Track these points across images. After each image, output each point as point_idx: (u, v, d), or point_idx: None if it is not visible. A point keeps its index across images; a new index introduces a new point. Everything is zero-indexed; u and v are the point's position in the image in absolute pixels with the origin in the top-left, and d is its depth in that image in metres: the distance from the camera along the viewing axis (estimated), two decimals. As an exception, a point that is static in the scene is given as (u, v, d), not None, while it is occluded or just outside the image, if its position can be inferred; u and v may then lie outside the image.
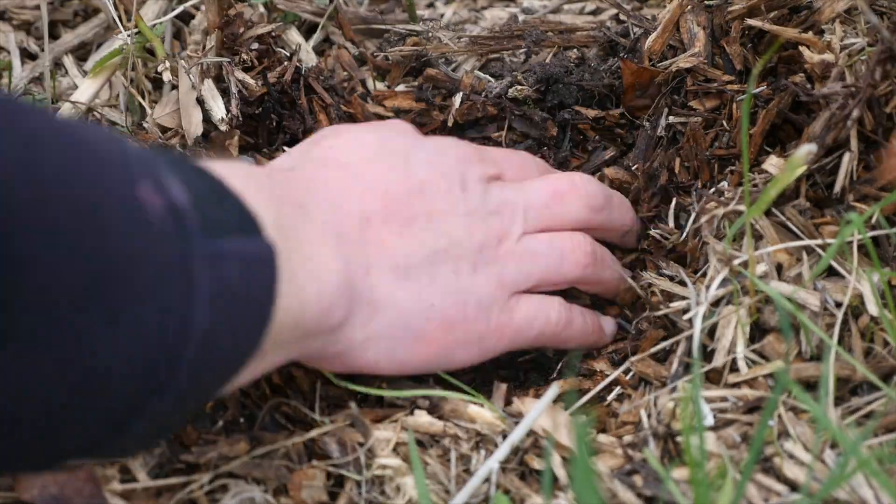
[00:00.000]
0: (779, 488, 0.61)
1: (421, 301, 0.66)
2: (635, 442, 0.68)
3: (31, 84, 1.01)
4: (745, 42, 0.89)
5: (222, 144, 0.93)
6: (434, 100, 0.99)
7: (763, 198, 0.70)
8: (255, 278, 0.51)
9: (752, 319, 0.71)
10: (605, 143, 0.96)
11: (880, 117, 0.78)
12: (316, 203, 0.63)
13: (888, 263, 0.73)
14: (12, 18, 1.05)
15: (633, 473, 0.64)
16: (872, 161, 0.79)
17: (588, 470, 0.51)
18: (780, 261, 0.74)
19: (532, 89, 0.96)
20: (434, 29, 1.03)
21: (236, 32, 0.94)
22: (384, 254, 0.65)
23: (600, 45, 0.99)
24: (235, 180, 0.54)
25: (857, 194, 0.77)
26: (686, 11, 0.90)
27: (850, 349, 0.69)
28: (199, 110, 0.92)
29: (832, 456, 0.63)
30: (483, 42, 1.01)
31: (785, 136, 0.86)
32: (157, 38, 0.95)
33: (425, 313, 0.66)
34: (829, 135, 0.78)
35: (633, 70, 0.91)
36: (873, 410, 0.65)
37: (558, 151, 0.97)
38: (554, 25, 1.01)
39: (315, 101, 0.97)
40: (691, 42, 0.90)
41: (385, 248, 0.66)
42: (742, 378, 0.68)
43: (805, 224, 0.75)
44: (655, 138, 0.91)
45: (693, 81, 0.88)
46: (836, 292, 0.71)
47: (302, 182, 0.66)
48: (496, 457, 0.65)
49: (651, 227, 0.88)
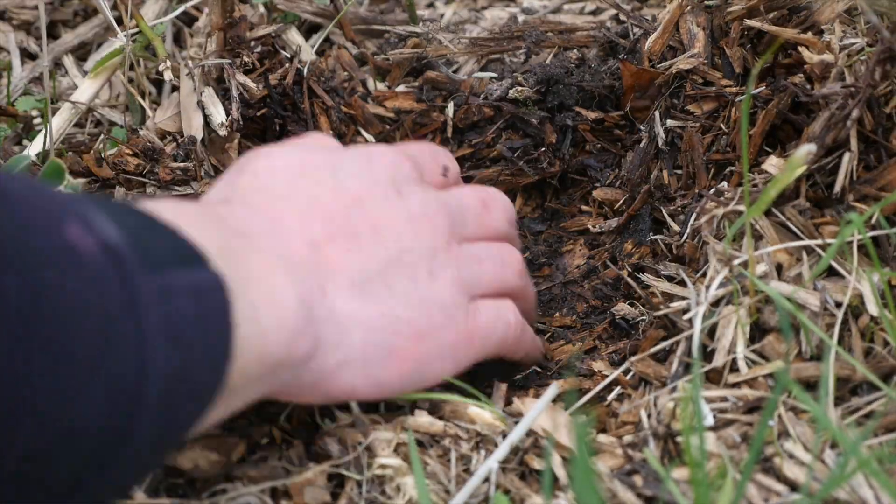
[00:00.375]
0: (779, 488, 0.61)
1: (385, 315, 0.64)
2: (635, 442, 0.68)
3: (31, 84, 1.02)
4: (745, 43, 0.89)
5: (223, 148, 0.93)
6: (434, 101, 0.99)
7: (763, 198, 0.70)
8: (209, 309, 0.49)
9: (752, 320, 0.71)
10: (603, 145, 0.96)
11: (880, 117, 0.78)
12: (257, 231, 0.61)
13: (888, 263, 0.73)
14: (12, 18, 1.05)
15: (633, 473, 0.64)
16: (872, 161, 0.79)
17: (588, 470, 0.51)
18: (780, 261, 0.74)
19: (532, 90, 0.97)
20: (434, 30, 1.03)
21: (240, 34, 0.94)
22: (337, 273, 0.63)
23: (600, 46, 1.00)
24: (168, 214, 0.52)
25: (857, 194, 0.77)
26: (686, 12, 0.91)
27: (850, 349, 0.69)
28: (200, 114, 0.92)
29: (832, 456, 0.63)
30: (483, 43, 1.01)
31: (785, 137, 0.86)
32: (158, 37, 0.95)
33: (392, 326, 0.64)
34: (829, 135, 0.78)
35: (632, 71, 0.91)
36: (873, 410, 0.65)
37: (557, 153, 0.97)
38: (554, 26, 1.02)
39: (316, 103, 0.97)
40: (691, 43, 0.90)
41: (337, 268, 0.63)
42: (742, 378, 0.68)
43: (805, 224, 0.75)
44: (652, 148, 0.91)
45: (692, 86, 0.88)
46: (836, 292, 0.71)
47: (238, 211, 0.63)
48: (496, 456, 0.65)
49: (651, 233, 0.89)
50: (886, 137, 0.78)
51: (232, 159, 0.93)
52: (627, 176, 0.92)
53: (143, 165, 0.91)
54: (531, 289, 0.83)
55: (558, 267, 0.94)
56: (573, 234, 0.97)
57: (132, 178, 0.90)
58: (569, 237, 0.97)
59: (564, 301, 0.92)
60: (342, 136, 1.00)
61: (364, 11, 1.06)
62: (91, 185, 0.89)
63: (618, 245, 0.92)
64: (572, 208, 0.98)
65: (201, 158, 0.91)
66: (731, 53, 0.88)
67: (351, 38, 1.03)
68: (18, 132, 0.97)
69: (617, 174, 0.95)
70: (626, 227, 0.92)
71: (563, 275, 0.94)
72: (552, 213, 1.00)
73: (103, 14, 1.00)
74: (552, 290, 0.93)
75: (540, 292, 0.93)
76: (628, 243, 0.91)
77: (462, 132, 1.00)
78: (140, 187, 0.90)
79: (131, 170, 0.90)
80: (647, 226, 0.90)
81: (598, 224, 0.94)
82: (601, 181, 0.96)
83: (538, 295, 0.92)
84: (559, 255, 0.96)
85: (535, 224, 1.00)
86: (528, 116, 0.97)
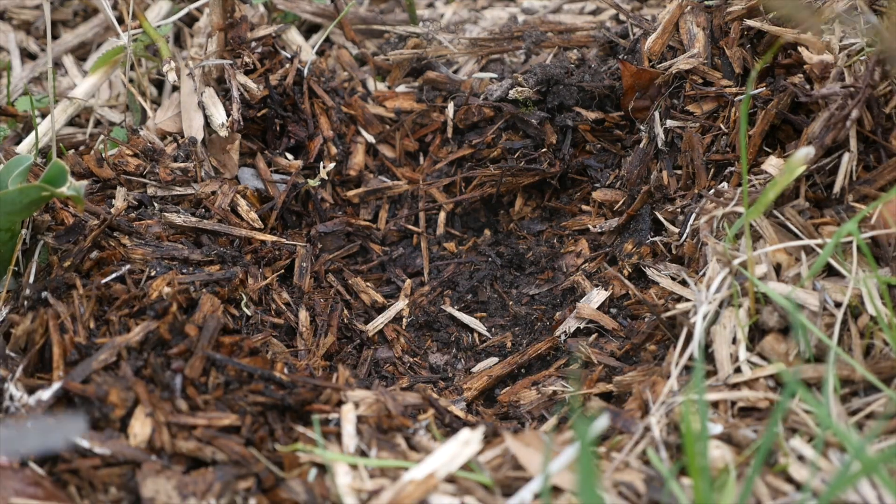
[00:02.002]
0: (786, 488, 0.62)
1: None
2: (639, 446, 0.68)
3: (31, 84, 1.01)
4: (745, 43, 0.90)
5: (223, 148, 0.93)
6: (434, 101, 0.99)
7: (761, 200, 0.70)
8: None
9: (752, 321, 0.71)
10: (604, 146, 0.97)
11: (879, 117, 0.78)
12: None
13: (888, 263, 0.73)
14: (12, 18, 1.05)
15: (637, 477, 0.64)
16: (872, 161, 0.79)
17: (590, 470, 0.51)
18: (779, 261, 0.74)
19: (532, 90, 0.97)
20: (434, 30, 1.03)
21: (241, 35, 0.94)
22: None
23: (600, 46, 1.00)
24: None
25: (857, 195, 0.77)
26: (686, 12, 0.91)
27: (850, 349, 0.69)
28: (201, 114, 0.92)
29: (835, 454, 0.63)
30: (483, 43, 1.01)
31: (784, 137, 0.86)
32: (163, 38, 0.95)
33: None
34: (829, 135, 0.78)
35: (632, 72, 0.91)
36: (874, 411, 0.66)
37: (558, 153, 0.98)
38: (554, 26, 1.02)
39: (317, 103, 0.97)
40: (691, 43, 0.90)
41: None
42: (743, 379, 0.69)
43: (804, 224, 0.76)
44: (652, 149, 0.91)
45: (692, 86, 0.89)
46: (835, 292, 0.71)
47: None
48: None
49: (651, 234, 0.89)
50: (886, 138, 0.78)
51: (232, 159, 0.93)
52: (627, 176, 0.93)
53: (144, 166, 0.91)
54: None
55: (559, 269, 0.95)
56: (575, 233, 0.97)
57: (132, 178, 0.90)
58: (570, 236, 0.97)
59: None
60: (342, 135, 1.00)
61: (364, 11, 1.06)
62: (93, 185, 0.89)
63: (618, 245, 0.93)
64: (573, 207, 0.99)
65: (201, 159, 0.91)
66: (730, 54, 0.88)
67: (351, 39, 1.03)
68: (18, 132, 0.97)
69: (617, 174, 0.96)
70: (626, 227, 0.92)
71: (565, 275, 0.94)
72: (552, 212, 1.00)
73: (105, 14, 1.00)
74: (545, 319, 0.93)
75: (540, 295, 0.93)
76: (628, 243, 0.91)
77: (462, 132, 1.01)
78: (141, 187, 0.90)
79: (132, 170, 0.90)
80: (646, 226, 0.91)
81: (599, 224, 0.95)
82: (601, 181, 0.96)
83: (538, 297, 0.92)
84: (560, 256, 0.96)
85: (535, 224, 1.00)
86: (528, 117, 0.97)
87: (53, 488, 0.64)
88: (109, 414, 0.64)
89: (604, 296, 0.88)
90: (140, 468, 0.62)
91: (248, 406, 0.68)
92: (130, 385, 0.66)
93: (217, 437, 0.65)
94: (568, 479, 0.62)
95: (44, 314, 0.72)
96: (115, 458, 0.63)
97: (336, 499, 0.63)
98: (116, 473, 0.63)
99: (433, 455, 0.65)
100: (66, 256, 0.78)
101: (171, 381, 0.67)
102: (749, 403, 0.68)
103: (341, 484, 0.63)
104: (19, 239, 0.79)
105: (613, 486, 0.63)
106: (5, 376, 0.68)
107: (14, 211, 0.76)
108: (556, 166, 0.97)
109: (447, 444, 0.65)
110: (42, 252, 0.80)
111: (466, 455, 0.65)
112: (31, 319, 0.72)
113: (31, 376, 0.70)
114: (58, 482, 0.64)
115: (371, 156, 1.02)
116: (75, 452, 0.64)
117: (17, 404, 0.66)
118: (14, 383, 0.67)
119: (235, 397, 0.68)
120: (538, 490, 0.61)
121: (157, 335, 0.70)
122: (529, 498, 0.62)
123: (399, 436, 0.69)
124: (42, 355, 0.71)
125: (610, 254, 0.93)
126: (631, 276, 0.89)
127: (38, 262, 0.79)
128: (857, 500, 0.59)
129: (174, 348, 0.69)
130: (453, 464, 0.64)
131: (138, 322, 0.72)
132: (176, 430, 0.65)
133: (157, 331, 0.70)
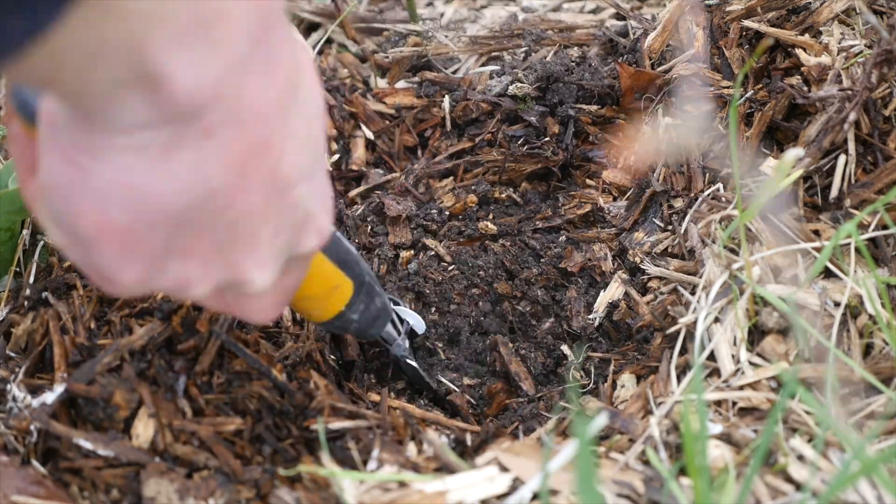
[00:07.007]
0: (785, 488, 0.62)
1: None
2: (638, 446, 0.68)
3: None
4: (744, 44, 0.90)
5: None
6: (434, 97, 0.99)
7: (755, 203, 0.70)
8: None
9: (752, 322, 0.71)
10: (606, 136, 0.96)
11: (877, 120, 0.78)
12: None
13: (886, 264, 0.73)
14: (10, 16, 1.05)
15: (636, 478, 0.64)
16: (869, 164, 0.79)
17: (589, 467, 0.51)
18: (777, 263, 0.74)
19: (532, 87, 0.97)
20: (434, 28, 1.03)
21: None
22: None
23: (601, 44, 1.00)
24: None
25: (855, 198, 0.77)
26: (685, 11, 0.91)
27: (849, 349, 0.69)
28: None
29: (835, 454, 0.64)
30: (483, 41, 1.01)
31: (783, 138, 0.86)
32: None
33: None
34: (826, 138, 0.78)
35: (630, 74, 0.91)
36: (874, 411, 0.66)
37: (560, 143, 0.97)
38: (554, 24, 1.02)
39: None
40: (690, 42, 0.90)
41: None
42: (744, 381, 0.69)
43: (801, 228, 0.76)
44: (654, 143, 0.91)
45: (690, 87, 0.89)
46: (834, 293, 0.72)
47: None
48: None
49: (646, 234, 0.89)
50: (883, 141, 0.79)
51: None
52: (634, 167, 0.92)
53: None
54: None
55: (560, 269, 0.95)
56: (583, 227, 0.96)
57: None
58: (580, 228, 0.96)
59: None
60: (343, 132, 1.00)
61: (364, 10, 1.07)
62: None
63: (627, 236, 0.92)
64: (579, 190, 0.97)
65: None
66: (729, 55, 0.89)
67: (352, 37, 1.04)
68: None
69: (624, 161, 0.95)
70: (636, 219, 0.91)
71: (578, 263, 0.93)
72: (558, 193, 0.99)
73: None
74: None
75: (540, 298, 0.93)
76: (639, 232, 0.90)
77: (461, 127, 1.01)
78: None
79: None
80: (654, 223, 0.90)
81: (608, 202, 0.94)
82: (608, 167, 0.95)
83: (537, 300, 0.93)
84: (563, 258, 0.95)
85: (536, 198, 0.99)
86: (527, 114, 0.97)
87: (55, 487, 0.64)
88: (114, 415, 0.64)
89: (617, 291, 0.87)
90: (144, 469, 0.62)
91: (251, 405, 0.68)
92: (134, 387, 0.66)
93: (217, 444, 0.65)
94: (565, 479, 0.62)
95: (44, 314, 0.72)
96: (119, 459, 0.63)
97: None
98: (120, 474, 0.63)
99: (451, 477, 0.63)
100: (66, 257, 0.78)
101: (175, 383, 0.67)
102: (750, 404, 0.68)
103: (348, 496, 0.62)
104: (20, 239, 0.79)
105: (613, 486, 0.63)
106: (7, 377, 0.68)
107: (14, 211, 0.76)
108: (560, 155, 0.97)
109: (469, 472, 0.63)
110: (42, 252, 0.79)
111: (487, 492, 0.62)
112: (31, 320, 0.72)
113: (31, 377, 0.70)
114: (59, 482, 0.64)
115: (370, 150, 1.02)
116: (78, 453, 0.64)
117: (19, 405, 0.66)
118: (17, 385, 0.67)
119: (239, 395, 0.69)
120: (537, 490, 0.62)
121: (162, 336, 0.70)
122: (528, 497, 0.62)
123: (411, 444, 0.68)
124: (43, 356, 0.71)
125: (620, 245, 0.92)
126: (633, 273, 0.88)
127: (38, 263, 0.79)
128: (856, 499, 0.59)
129: (183, 344, 0.69)
130: (471, 495, 0.61)
131: (140, 323, 0.71)
132: (178, 433, 0.65)
133: (163, 332, 0.70)
